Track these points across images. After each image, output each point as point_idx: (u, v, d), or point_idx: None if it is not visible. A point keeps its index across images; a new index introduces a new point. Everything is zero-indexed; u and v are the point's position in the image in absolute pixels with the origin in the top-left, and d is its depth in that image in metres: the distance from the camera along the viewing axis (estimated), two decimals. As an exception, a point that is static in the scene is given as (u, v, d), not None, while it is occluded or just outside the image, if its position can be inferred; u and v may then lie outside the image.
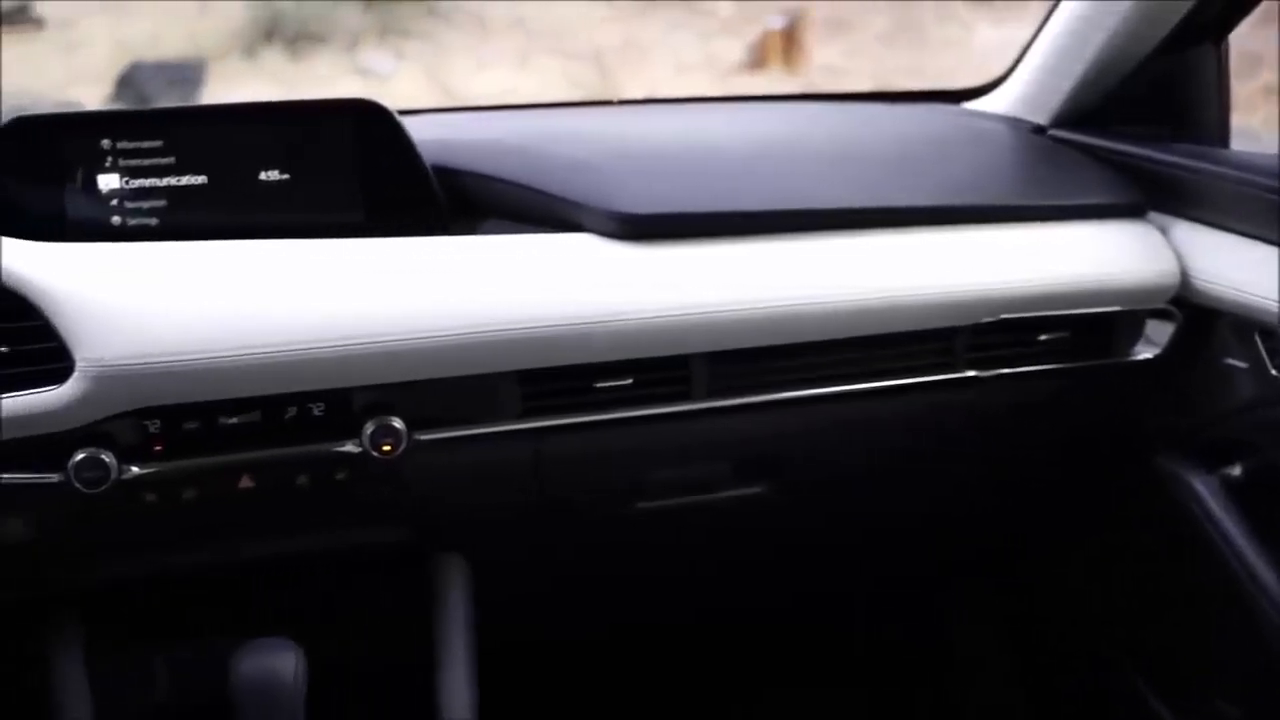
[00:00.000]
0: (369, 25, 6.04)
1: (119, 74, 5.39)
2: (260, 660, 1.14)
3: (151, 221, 1.25)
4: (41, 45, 6.23)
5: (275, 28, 6.00)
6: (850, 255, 1.33)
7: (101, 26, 6.08)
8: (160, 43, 5.95)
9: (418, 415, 1.23)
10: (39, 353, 1.12)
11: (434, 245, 1.25)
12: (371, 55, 5.89)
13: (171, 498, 1.20)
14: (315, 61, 5.87)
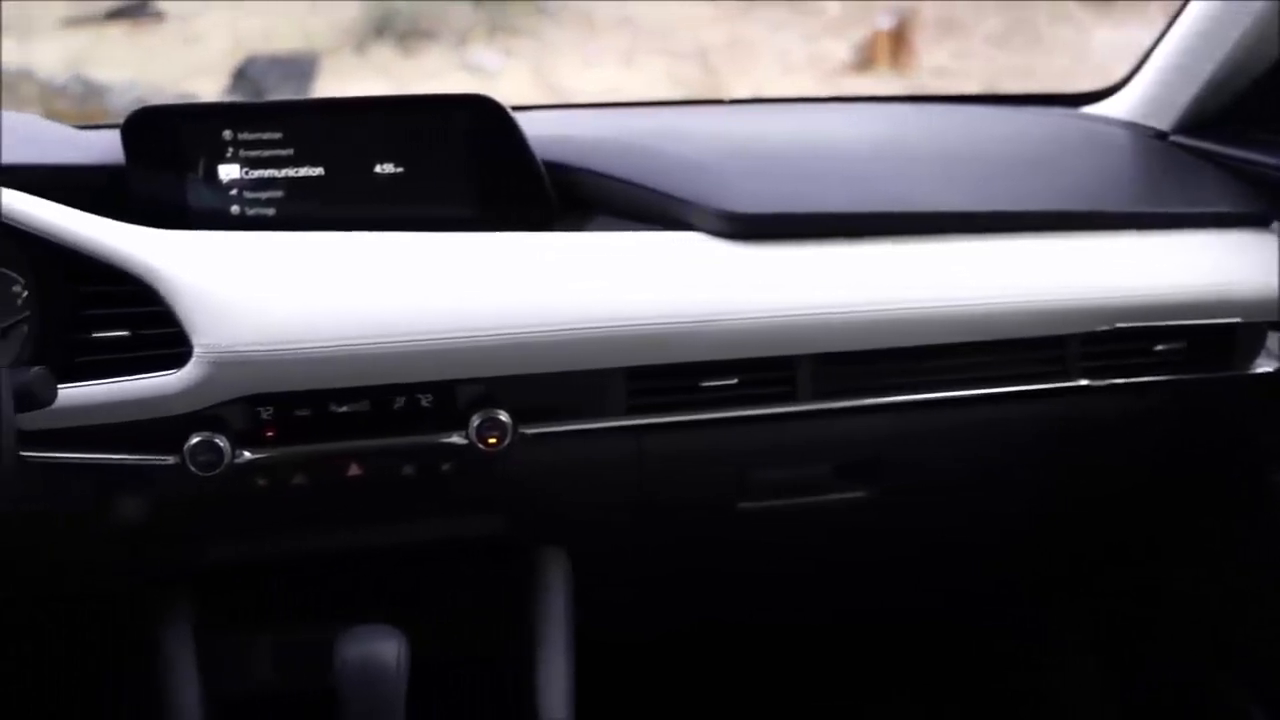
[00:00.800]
0: (478, 22, 6.10)
1: (235, 67, 5.51)
2: (365, 647, 1.16)
3: (269, 212, 1.27)
4: (161, 38, 6.39)
5: (387, 24, 6.09)
6: (963, 260, 1.31)
7: (219, 21, 6.22)
8: (274, 37, 6.06)
9: (524, 409, 1.24)
10: (159, 338, 1.15)
11: (544, 241, 1.25)
12: (480, 52, 5.95)
13: (282, 483, 1.22)
14: (424, 57, 5.95)
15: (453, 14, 6.11)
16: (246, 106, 1.30)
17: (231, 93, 5.11)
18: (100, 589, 1.33)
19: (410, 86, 5.56)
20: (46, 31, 6.26)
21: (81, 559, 1.27)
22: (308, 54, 5.82)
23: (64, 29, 6.35)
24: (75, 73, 4.69)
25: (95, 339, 1.16)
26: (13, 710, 1.60)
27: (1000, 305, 1.30)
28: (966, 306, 1.29)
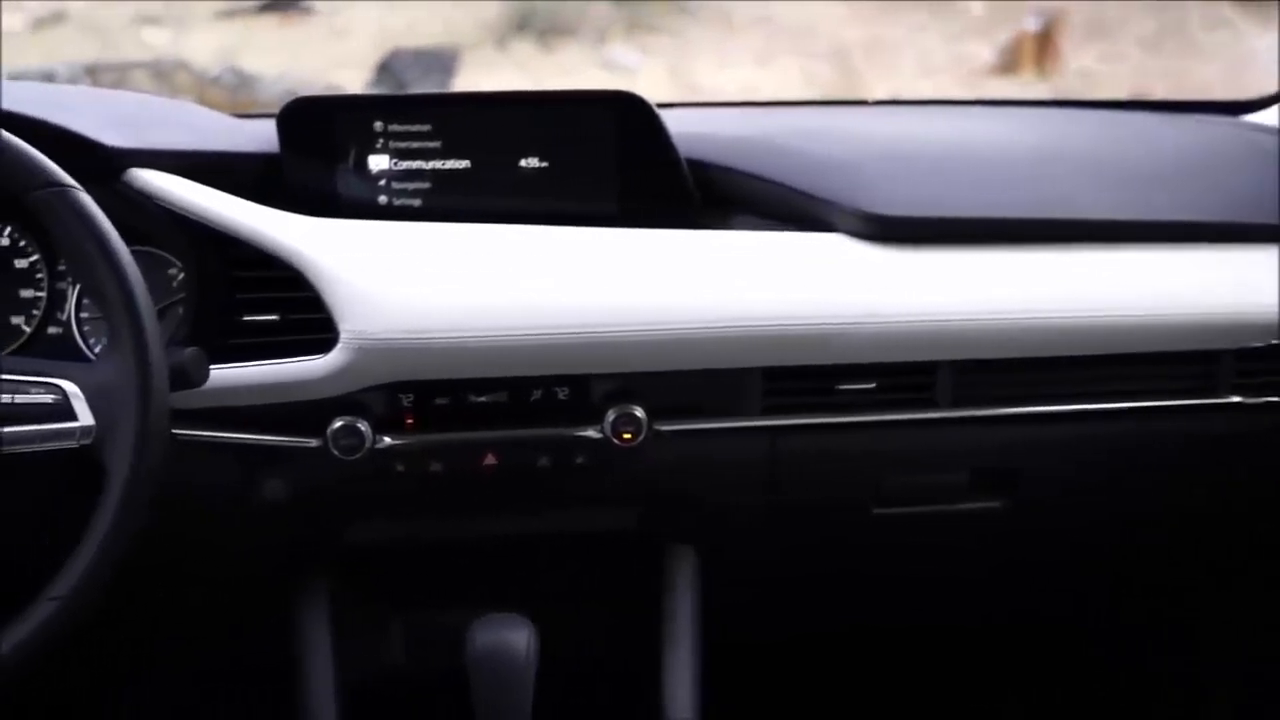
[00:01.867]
0: (618, 20, 6.14)
1: (378, 60, 5.62)
2: (496, 635, 1.17)
3: (415, 202, 1.29)
4: (308, 31, 6.54)
5: (527, 20, 6.15)
6: (1115, 269, 1.28)
7: (364, 15, 6.35)
8: (417, 31, 6.17)
9: (659, 405, 1.24)
10: (307, 323, 1.18)
11: (685, 238, 1.25)
12: (618, 49, 5.98)
13: (419, 469, 1.24)
14: (563, 54, 5.99)
15: (593, 11, 6.15)
16: (398, 99, 1.33)
17: (374, 85, 5.20)
18: (243, 570, 1.37)
19: (548, 82, 5.61)
20: (201, 23, 6.46)
21: (225, 540, 1.31)
22: (449, 48, 5.90)
23: (217, 21, 6.54)
24: (228, 64, 4.83)
25: (246, 322, 1.20)
26: (154, 686, 1.66)
27: (1153, 318, 1.26)
28: (1117, 318, 1.26)
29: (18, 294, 1.26)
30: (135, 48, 6.04)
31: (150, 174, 1.18)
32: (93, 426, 0.98)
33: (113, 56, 5.51)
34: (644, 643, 1.38)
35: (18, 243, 1.26)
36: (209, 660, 1.61)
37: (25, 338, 1.26)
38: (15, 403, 0.98)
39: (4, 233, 1.26)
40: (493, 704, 1.16)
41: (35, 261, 1.27)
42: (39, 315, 1.26)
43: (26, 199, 0.99)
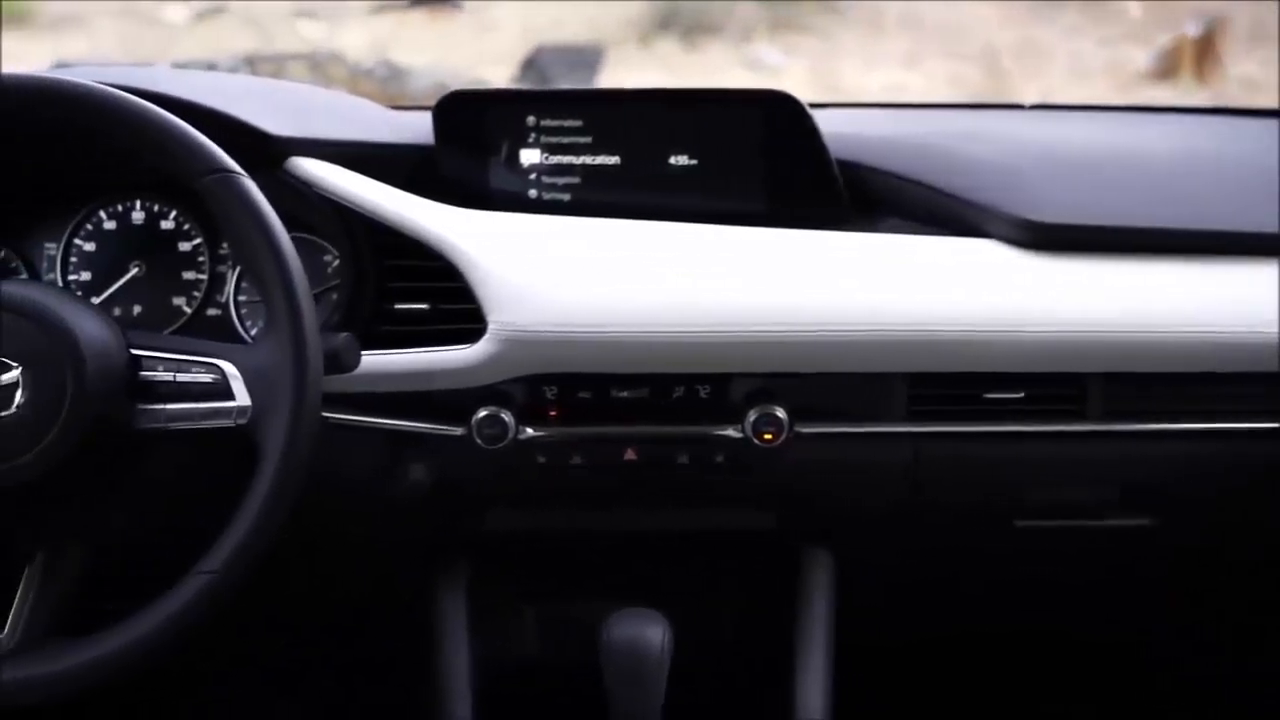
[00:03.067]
0: (763, 19, 6.12)
1: (524, 56, 5.69)
2: (630, 629, 1.18)
3: (565, 197, 1.31)
4: (457, 26, 6.66)
5: (672, 18, 6.18)
6: (1276, 285, 1.23)
7: (511, 11, 6.44)
8: (563, 27, 6.23)
9: (801, 407, 1.24)
10: (456, 313, 1.20)
11: (834, 240, 1.24)
12: (762, 48, 5.96)
13: (560, 461, 1.26)
14: (707, 52, 6.00)
15: (739, 10, 6.14)
16: (550, 94, 1.34)
17: (520, 80, 5.27)
18: (382, 556, 1.40)
19: (691, 80, 5.61)
20: (355, 17, 6.62)
21: (366, 526, 1.34)
22: (594, 45, 5.95)
23: (370, 16, 6.70)
24: (380, 57, 4.94)
25: (397, 310, 1.22)
26: (292, 669, 1.70)
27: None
28: (1276, 335, 1.21)
29: (180, 276, 1.31)
30: (291, 40, 6.21)
31: (312, 163, 1.21)
32: (249, 406, 1.00)
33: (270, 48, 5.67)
34: (775, 642, 1.37)
35: (182, 226, 1.31)
36: (345, 648, 1.65)
37: (186, 318, 1.30)
38: (177, 381, 1.02)
39: (170, 216, 1.31)
40: (625, 698, 1.16)
41: (198, 245, 1.31)
42: (199, 297, 1.31)
43: (195, 184, 1.02)
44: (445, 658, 1.34)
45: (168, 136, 1.02)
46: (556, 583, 1.43)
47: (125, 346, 1.02)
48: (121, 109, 1.02)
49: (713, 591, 1.41)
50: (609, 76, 5.56)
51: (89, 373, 0.98)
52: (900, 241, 1.25)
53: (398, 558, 1.41)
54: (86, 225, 1.31)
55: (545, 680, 1.42)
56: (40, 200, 1.31)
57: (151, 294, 1.30)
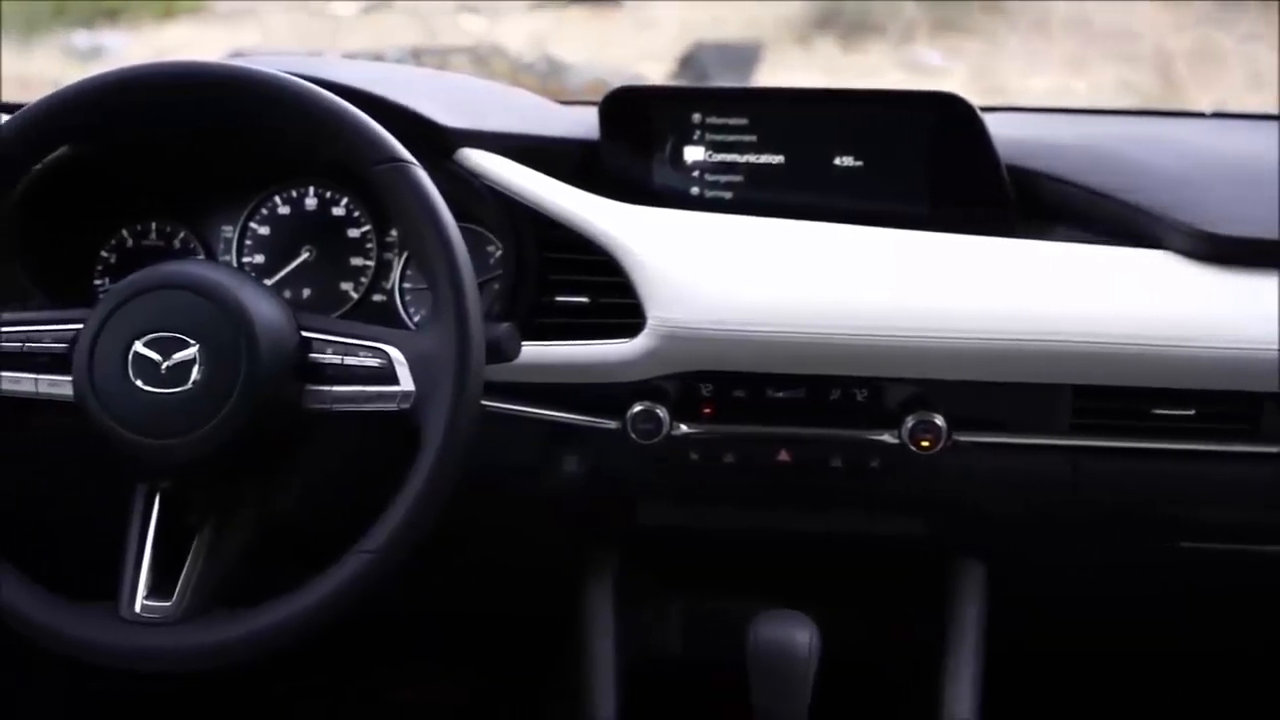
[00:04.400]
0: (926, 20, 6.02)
1: (682, 53, 5.69)
2: (778, 630, 1.17)
3: (727, 195, 1.30)
4: (615, 23, 6.70)
5: (832, 17, 6.11)
6: None
7: (671, 8, 6.45)
8: (722, 25, 6.22)
9: (960, 415, 1.22)
10: (615, 307, 1.20)
11: (1001, 246, 1.22)
12: (921, 50, 5.86)
13: (713, 459, 1.25)
14: (865, 53, 5.93)
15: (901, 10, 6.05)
16: (717, 91, 1.34)
17: (677, 77, 5.27)
18: (533, 547, 1.41)
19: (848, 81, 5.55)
20: (516, 11, 6.71)
21: (517, 517, 1.36)
22: (752, 43, 5.92)
23: (531, 10, 6.78)
24: (542, 51, 4.99)
25: (557, 303, 1.23)
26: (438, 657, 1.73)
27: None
28: None
29: (349, 261, 1.34)
30: (453, 34, 6.32)
31: (481, 154, 1.23)
32: (412, 392, 1.02)
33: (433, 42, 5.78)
34: (924, 650, 1.35)
35: (352, 213, 1.34)
36: (493, 637, 1.68)
37: (352, 303, 1.33)
38: (344, 364, 1.04)
39: (341, 203, 1.34)
40: (771, 699, 1.16)
41: (367, 232, 1.34)
42: (366, 283, 1.34)
43: (368, 172, 1.04)
44: (591, 650, 1.35)
45: (345, 125, 1.04)
46: (703, 580, 1.43)
47: (296, 328, 1.04)
48: (302, 97, 1.05)
49: (861, 596, 1.40)
50: (766, 75, 5.53)
51: (262, 352, 1.01)
52: (1070, 250, 1.22)
53: (547, 549, 1.42)
54: (261, 210, 1.35)
55: (689, 676, 1.42)
56: (219, 184, 1.35)
57: (320, 278, 1.34)
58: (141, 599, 1.03)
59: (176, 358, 1.01)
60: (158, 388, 1.01)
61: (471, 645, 1.73)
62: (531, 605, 1.54)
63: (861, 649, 1.39)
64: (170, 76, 1.07)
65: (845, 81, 5.11)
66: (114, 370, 1.01)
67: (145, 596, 1.03)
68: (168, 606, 1.03)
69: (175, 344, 1.01)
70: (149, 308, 1.03)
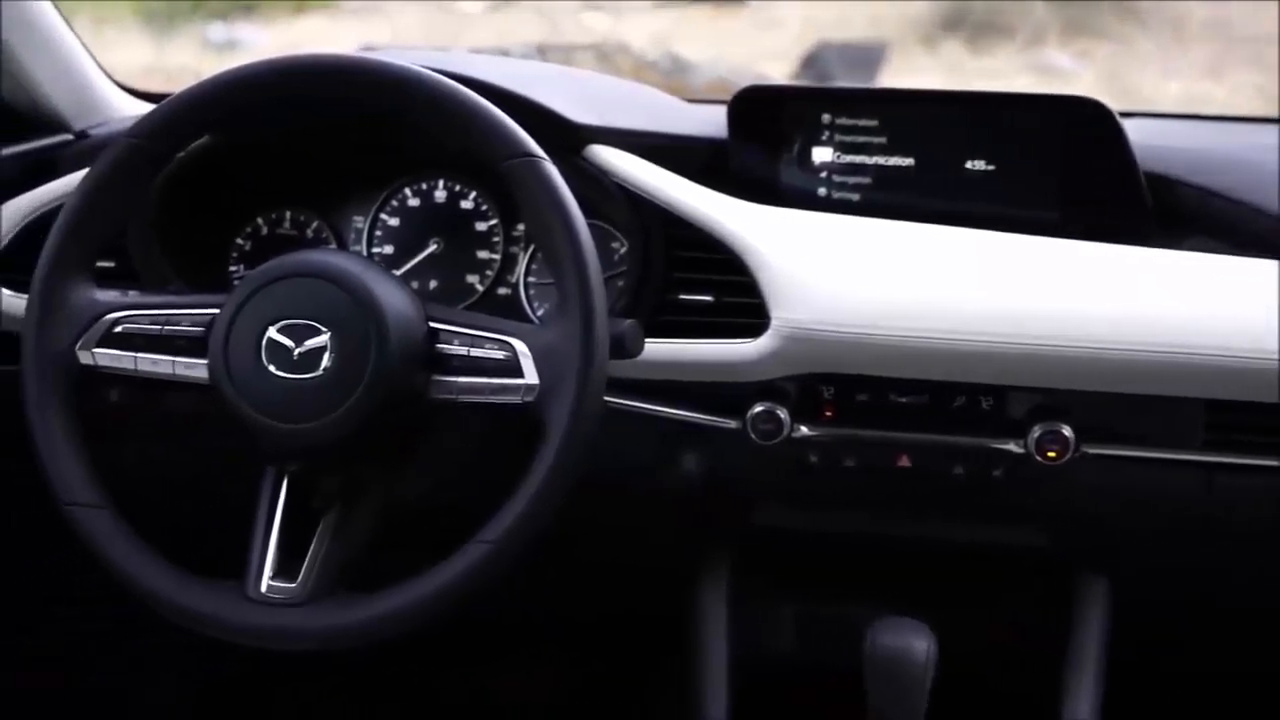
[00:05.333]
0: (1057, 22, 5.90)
1: (804, 53, 5.65)
2: (896, 638, 1.16)
3: (854, 197, 1.29)
4: (739, 21, 6.68)
5: (960, 18, 6.02)
6: None
7: (795, 8, 6.41)
8: (846, 25, 6.17)
9: (1089, 426, 1.19)
10: (739, 307, 1.20)
11: (1137, 255, 1.19)
12: (1051, 53, 5.74)
13: (832, 462, 1.25)
14: (992, 55, 5.83)
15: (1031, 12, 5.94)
16: (847, 92, 1.33)
17: (799, 77, 5.24)
18: (648, 544, 1.41)
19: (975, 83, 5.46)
20: (639, 9, 6.73)
21: (633, 514, 1.36)
22: (876, 44, 5.86)
23: (655, 8, 6.79)
24: (665, 49, 5.00)
25: (681, 301, 1.23)
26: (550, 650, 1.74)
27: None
28: None
29: (475, 254, 1.35)
30: (576, 31, 6.36)
31: (609, 151, 1.24)
32: (537, 385, 1.02)
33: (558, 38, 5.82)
34: (1044, 665, 1.32)
35: (480, 206, 1.36)
36: (605, 633, 1.68)
37: (477, 296, 1.35)
38: (470, 355, 1.04)
39: (469, 196, 1.36)
40: (888, 706, 1.15)
41: (494, 225, 1.35)
42: (491, 276, 1.35)
43: (499, 166, 1.05)
44: (704, 649, 1.35)
45: (478, 120, 1.05)
46: (817, 582, 1.42)
47: (425, 319, 1.05)
48: (437, 91, 1.06)
49: (979, 606, 1.38)
50: (890, 77, 5.47)
51: (391, 341, 1.02)
52: (1206, 260, 1.19)
53: (661, 547, 1.43)
54: (392, 201, 1.37)
55: (800, 678, 1.41)
56: (352, 176, 1.38)
57: (447, 270, 1.35)
58: (267, 579, 1.05)
59: (308, 344, 1.03)
60: (289, 373, 1.02)
61: (583, 641, 1.74)
62: (643, 603, 1.54)
63: (978, 659, 1.37)
64: (309, 69, 1.09)
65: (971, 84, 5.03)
66: (248, 355, 1.03)
67: (271, 577, 1.05)
68: (292, 588, 1.04)
69: (308, 331, 1.03)
70: (283, 294, 1.04)
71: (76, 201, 1.09)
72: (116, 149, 1.08)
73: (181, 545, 1.11)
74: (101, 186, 1.09)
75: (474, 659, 1.78)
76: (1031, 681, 1.34)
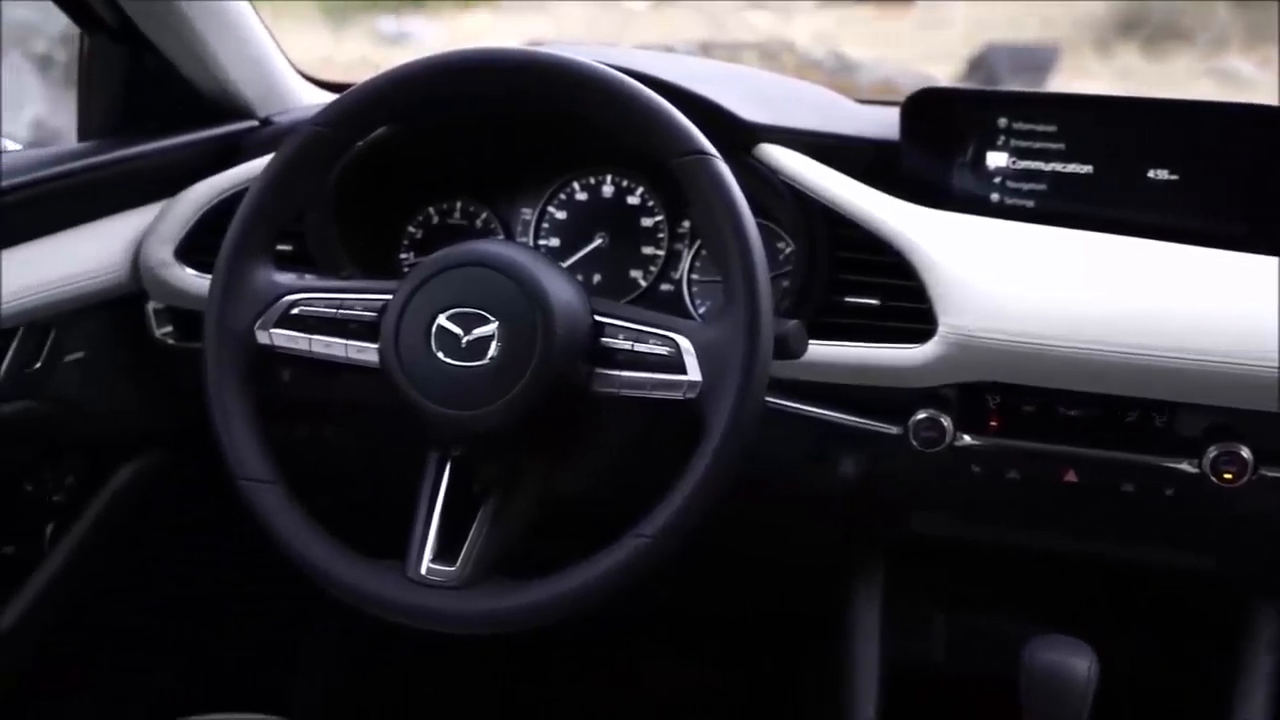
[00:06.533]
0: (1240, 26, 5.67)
1: (972, 54, 5.54)
2: (1056, 655, 1.13)
3: (1029, 203, 1.26)
4: (902, 21, 6.58)
5: (1137, 21, 5.83)
6: None
7: (964, 8, 6.29)
8: (1016, 26, 6.03)
9: (1270, 448, 1.14)
10: (905, 311, 1.18)
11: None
12: (1233, 59, 5.53)
13: (995, 473, 1.22)
14: (1171, 60, 5.63)
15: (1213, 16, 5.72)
16: (1024, 96, 1.30)
17: (966, 79, 5.14)
18: (800, 546, 1.40)
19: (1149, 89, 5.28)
20: (803, 8, 6.68)
21: (787, 516, 1.35)
22: (1048, 46, 5.71)
23: (818, 7, 6.74)
24: (830, 48, 4.95)
25: (846, 303, 1.22)
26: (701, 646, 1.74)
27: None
28: None
29: (640, 250, 1.36)
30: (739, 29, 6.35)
31: (780, 150, 1.23)
32: (699, 382, 1.01)
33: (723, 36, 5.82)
34: (1208, 693, 1.27)
35: (646, 202, 1.36)
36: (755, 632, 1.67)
37: (640, 291, 1.36)
38: (634, 350, 1.04)
39: (636, 191, 1.37)
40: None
41: (659, 222, 1.36)
42: (655, 272, 1.35)
43: (671, 163, 1.04)
44: (855, 653, 1.33)
45: (652, 115, 1.05)
46: (972, 593, 1.39)
47: (590, 312, 1.06)
48: (612, 86, 1.06)
49: (1143, 628, 1.33)
50: (1060, 81, 5.33)
51: (557, 333, 1.02)
52: None
53: (812, 548, 1.42)
54: (560, 195, 1.39)
55: (951, 688, 1.39)
56: (521, 168, 1.40)
57: (611, 264, 1.36)
58: (427, 562, 1.06)
59: (476, 333, 1.04)
60: (457, 360, 1.04)
61: (732, 636, 1.74)
62: (792, 600, 1.53)
63: (1139, 682, 1.33)
64: (487, 62, 1.10)
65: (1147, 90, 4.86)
66: (418, 341, 1.05)
67: (431, 560, 1.06)
68: (451, 571, 1.06)
69: (476, 319, 1.04)
70: (454, 283, 1.06)
71: (261, 185, 1.12)
72: (301, 136, 1.11)
73: (344, 523, 1.13)
74: (286, 172, 1.11)
75: (621, 650, 1.79)
76: (1195, 710, 1.30)
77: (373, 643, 1.77)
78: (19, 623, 1.37)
